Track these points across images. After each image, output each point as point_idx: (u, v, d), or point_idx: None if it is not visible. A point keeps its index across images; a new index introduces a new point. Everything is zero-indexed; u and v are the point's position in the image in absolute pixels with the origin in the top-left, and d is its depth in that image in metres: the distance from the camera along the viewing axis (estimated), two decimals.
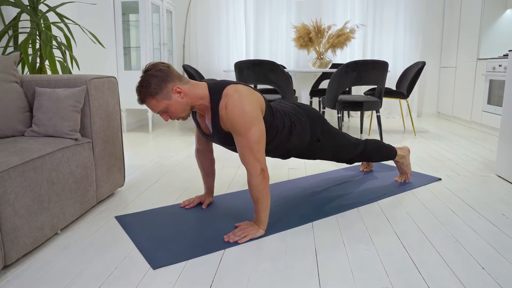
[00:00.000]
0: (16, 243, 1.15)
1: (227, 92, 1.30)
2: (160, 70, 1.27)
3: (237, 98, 1.28)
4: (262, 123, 1.33)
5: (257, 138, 1.30)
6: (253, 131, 1.29)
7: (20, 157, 1.19)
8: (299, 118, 1.55)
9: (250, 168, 1.31)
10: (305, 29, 3.35)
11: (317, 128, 1.61)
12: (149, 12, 3.42)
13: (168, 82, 1.27)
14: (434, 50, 4.61)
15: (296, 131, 1.53)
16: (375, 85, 2.88)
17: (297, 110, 1.58)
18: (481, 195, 1.84)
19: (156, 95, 1.27)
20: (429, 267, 1.17)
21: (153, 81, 1.25)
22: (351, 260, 1.21)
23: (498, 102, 3.31)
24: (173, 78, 1.28)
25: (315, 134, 1.61)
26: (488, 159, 2.53)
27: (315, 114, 1.63)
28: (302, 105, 1.64)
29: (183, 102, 1.31)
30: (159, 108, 1.29)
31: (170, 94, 1.28)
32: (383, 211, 1.62)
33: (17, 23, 2.15)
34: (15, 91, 1.52)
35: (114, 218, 1.56)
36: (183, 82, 1.31)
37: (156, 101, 1.28)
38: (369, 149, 1.80)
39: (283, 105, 1.61)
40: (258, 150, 1.31)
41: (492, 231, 1.42)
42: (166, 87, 1.27)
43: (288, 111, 1.55)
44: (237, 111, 1.27)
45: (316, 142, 1.62)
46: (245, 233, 1.36)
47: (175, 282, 1.08)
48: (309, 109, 1.63)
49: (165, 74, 1.27)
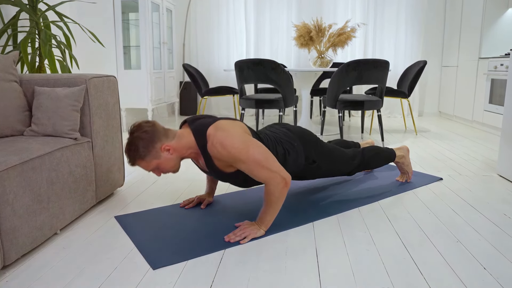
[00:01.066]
0: (15, 243, 1.14)
1: (209, 133, 1.31)
2: (145, 132, 1.28)
3: (221, 135, 1.29)
4: (256, 142, 1.33)
5: (260, 154, 1.30)
6: (253, 151, 1.29)
7: (19, 156, 1.19)
8: (291, 144, 1.54)
9: (272, 181, 1.31)
10: (306, 28, 3.34)
11: (311, 150, 1.60)
12: (149, 11, 3.41)
13: (156, 142, 1.29)
14: (435, 49, 4.60)
15: (290, 157, 1.53)
16: (376, 84, 2.87)
17: (288, 135, 1.57)
18: (482, 195, 1.83)
19: (145, 157, 1.29)
20: (430, 267, 1.16)
21: (141, 144, 1.27)
22: (352, 260, 1.21)
23: (499, 101, 3.29)
24: (159, 137, 1.30)
25: (310, 157, 1.60)
26: (489, 159, 2.52)
27: (307, 135, 1.61)
28: (293, 128, 1.62)
29: (173, 158, 1.33)
30: (150, 167, 1.32)
31: (159, 153, 1.30)
32: (384, 211, 1.62)
33: (16, 22, 2.15)
34: (14, 90, 1.51)
35: (114, 218, 1.56)
36: (169, 138, 1.33)
37: (147, 162, 1.30)
38: (367, 158, 1.79)
39: (274, 130, 1.60)
40: (269, 163, 1.31)
41: (494, 231, 1.41)
42: (154, 148, 1.29)
43: (280, 138, 1.54)
44: (227, 146, 1.28)
45: (312, 164, 1.61)
46: (245, 233, 1.35)
47: (175, 283, 1.08)
48: (301, 132, 1.61)
49: (151, 136, 1.28)
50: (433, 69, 4.65)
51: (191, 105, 4.71)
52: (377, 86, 3.18)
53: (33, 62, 2.13)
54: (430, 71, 4.66)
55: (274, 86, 2.88)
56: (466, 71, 3.93)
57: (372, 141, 2.17)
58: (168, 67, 4.08)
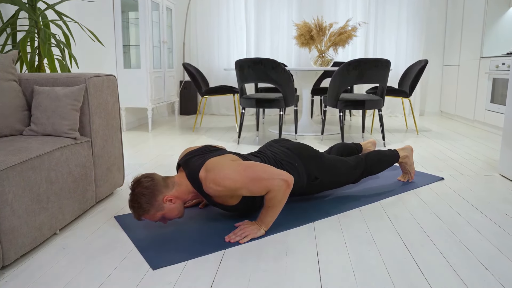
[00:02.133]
0: (15, 243, 1.14)
1: (201, 178, 1.33)
2: (146, 188, 1.30)
3: (211, 175, 1.31)
4: (244, 163, 1.35)
5: (253, 171, 1.32)
6: (246, 174, 1.31)
7: (18, 156, 1.18)
8: (292, 164, 1.55)
9: (274, 188, 1.32)
10: (307, 27, 3.33)
11: (313, 167, 1.60)
12: (148, 10, 3.40)
13: (157, 195, 1.31)
14: (436, 48, 4.58)
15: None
16: (377, 83, 2.85)
17: (288, 154, 1.57)
18: (484, 194, 1.82)
19: (150, 211, 1.31)
20: (432, 267, 1.16)
21: (143, 200, 1.30)
22: (353, 260, 1.20)
23: (501, 100, 3.28)
24: (160, 190, 1.32)
25: (312, 174, 1.60)
26: (491, 158, 2.51)
27: (307, 152, 1.61)
28: (292, 146, 1.62)
29: (177, 206, 1.35)
30: (156, 219, 1.34)
31: (161, 205, 1.32)
32: (385, 211, 1.61)
33: (15, 21, 2.14)
34: (13, 90, 1.51)
35: (114, 218, 1.55)
36: (169, 187, 1.35)
37: (151, 215, 1.33)
38: (371, 165, 1.77)
39: (274, 150, 1.60)
40: (265, 173, 1.32)
41: (496, 231, 1.41)
42: (157, 201, 1.31)
43: (280, 159, 1.54)
44: (221, 182, 1.29)
45: (315, 181, 1.61)
46: (245, 232, 1.35)
47: (175, 283, 1.08)
48: (300, 149, 1.61)
49: (151, 190, 1.30)
50: (434, 68, 4.63)
51: (191, 105, 4.71)
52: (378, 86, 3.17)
53: (32, 61, 2.13)
54: (431, 70, 4.64)
55: (274, 85, 2.87)
56: (467, 70, 3.92)
57: (373, 141, 2.16)
58: (168, 66, 4.07)
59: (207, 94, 3.69)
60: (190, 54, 4.72)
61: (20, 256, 1.18)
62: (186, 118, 4.44)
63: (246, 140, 3.15)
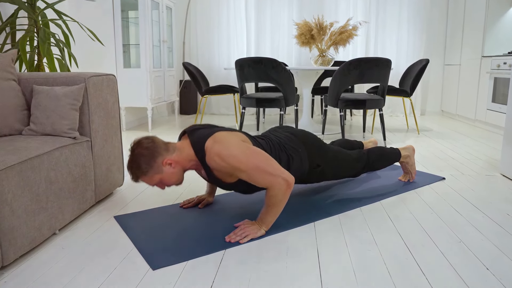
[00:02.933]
0: (14, 244, 1.14)
1: (207, 146, 1.31)
2: (146, 148, 1.28)
3: (218, 147, 1.29)
4: (254, 148, 1.33)
5: (260, 161, 1.30)
6: (252, 159, 1.29)
7: (17, 156, 1.18)
8: (295, 149, 1.54)
9: (275, 186, 1.31)
10: (307, 26, 3.32)
11: (315, 154, 1.59)
12: (148, 9, 3.39)
13: (157, 157, 1.29)
14: (437, 48, 4.57)
15: (294, 164, 1.52)
16: (378, 83, 2.85)
17: (292, 139, 1.56)
18: (485, 194, 1.81)
19: (148, 173, 1.30)
20: (433, 267, 1.15)
21: (142, 161, 1.28)
22: (354, 260, 1.20)
23: (503, 100, 3.27)
24: (160, 152, 1.30)
25: (315, 161, 1.59)
26: (492, 158, 2.50)
27: (311, 139, 1.60)
28: (296, 132, 1.61)
29: (176, 171, 1.33)
30: (154, 182, 1.32)
31: (161, 168, 1.30)
32: (386, 211, 1.60)
33: (14, 20, 2.13)
34: (13, 89, 1.50)
35: (113, 218, 1.55)
36: (170, 151, 1.33)
37: (150, 178, 1.31)
38: (373, 160, 1.77)
39: (278, 135, 1.59)
40: (269, 167, 1.31)
41: (497, 231, 1.40)
42: (156, 163, 1.29)
43: (283, 143, 1.53)
44: (225, 158, 1.27)
45: (317, 168, 1.60)
46: (246, 232, 1.34)
47: (175, 283, 1.07)
48: (304, 135, 1.60)
49: (151, 152, 1.29)
50: (435, 67, 4.62)
51: (191, 104, 4.70)
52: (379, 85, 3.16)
53: (31, 61, 2.12)
54: (432, 69, 4.63)
55: (275, 84, 2.86)
56: (468, 70, 3.91)
57: (375, 140, 2.15)
58: (168, 65, 4.06)
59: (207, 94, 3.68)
60: (190, 53, 4.71)
61: (19, 256, 1.18)
62: (186, 118, 4.43)
63: None
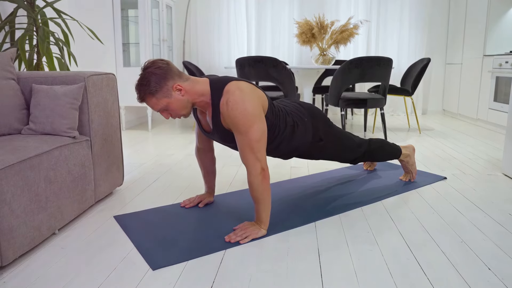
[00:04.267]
0: (13, 243, 1.13)
1: (228, 89, 1.27)
2: (159, 68, 1.25)
3: (238, 95, 1.26)
4: (263, 122, 1.31)
5: (258, 136, 1.28)
6: (254, 130, 1.27)
7: (16, 155, 1.17)
8: (301, 118, 1.53)
9: (251, 168, 1.30)
10: (308, 24, 3.31)
11: (320, 127, 1.59)
12: (148, 8, 3.38)
13: (168, 79, 1.25)
14: (439, 47, 4.55)
15: (298, 130, 1.51)
16: (379, 82, 2.83)
17: (299, 109, 1.55)
18: (487, 194, 1.80)
19: (156, 93, 1.25)
20: (434, 267, 1.15)
21: (153, 79, 1.23)
22: (355, 260, 1.19)
23: (504, 99, 3.26)
24: (173, 76, 1.26)
25: (318, 134, 1.58)
26: (494, 158, 2.49)
27: (317, 113, 1.60)
28: (304, 104, 1.61)
29: (184, 100, 1.29)
30: (159, 106, 1.28)
31: (170, 92, 1.26)
32: (387, 211, 1.60)
33: (13, 18, 2.13)
34: (12, 88, 1.50)
35: (113, 217, 1.54)
36: (183, 79, 1.29)
37: (156, 99, 1.26)
38: (373, 149, 1.77)
39: (285, 103, 1.58)
40: (259, 149, 1.29)
41: (499, 231, 1.39)
42: (166, 85, 1.25)
43: (290, 111, 1.52)
44: (239, 109, 1.25)
45: (319, 142, 1.59)
46: (246, 233, 1.34)
47: (175, 283, 1.07)
48: (312, 108, 1.60)
49: (164, 72, 1.25)
50: (437, 66, 4.60)
51: None
52: (380, 84, 3.15)
53: (31, 60, 2.12)
54: (434, 68, 4.61)
55: (275, 83, 2.85)
56: (470, 69, 3.89)
57: None
58: None
59: None
60: (190, 52, 4.70)
61: (18, 256, 1.18)
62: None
63: None
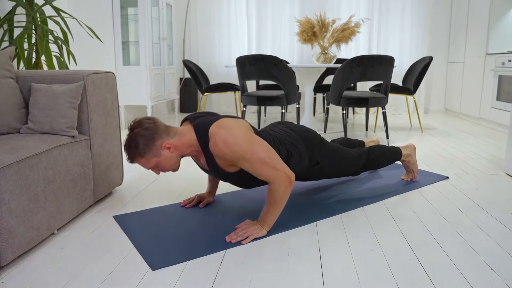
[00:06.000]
0: (12, 244, 1.13)
1: (211, 131, 1.28)
2: (146, 129, 1.26)
3: (224, 133, 1.26)
4: (260, 139, 1.31)
5: (265, 152, 1.28)
6: (257, 150, 1.27)
7: (15, 155, 1.17)
8: (295, 145, 1.51)
9: (274, 179, 1.29)
10: (309, 23, 3.29)
11: (315, 150, 1.57)
12: (148, 6, 3.37)
13: (156, 139, 1.27)
14: (441, 45, 4.53)
15: (293, 159, 1.50)
16: (380, 80, 2.82)
17: (291, 135, 1.53)
18: (490, 194, 1.79)
19: (145, 154, 1.27)
20: (436, 268, 1.14)
21: (141, 141, 1.25)
22: (356, 261, 1.18)
23: (507, 98, 3.24)
24: (160, 134, 1.28)
25: (314, 158, 1.57)
26: (497, 157, 2.48)
27: (310, 135, 1.58)
28: (295, 127, 1.59)
29: (173, 156, 1.30)
30: (149, 165, 1.30)
31: (159, 151, 1.28)
32: (389, 210, 1.59)
33: (12, 17, 2.12)
34: (10, 87, 1.49)
35: (112, 217, 1.54)
36: (170, 135, 1.30)
37: (146, 160, 1.28)
38: (373, 158, 1.75)
39: (277, 130, 1.57)
40: (273, 160, 1.29)
41: (502, 231, 1.39)
42: (155, 145, 1.26)
43: (282, 139, 1.51)
44: (231, 144, 1.25)
45: (316, 166, 1.58)
46: (247, 232, 1.33)
47: (175, 284, 1.06)
48: (304, 132, 1.58)
49: (152, 132, 1.26)
50: (439, 65, 4.58)
51: (191, 102, 4.68)
52: (381, 83, 3.13)
53: (29, 58, 2.11)
54: (436, 67, 4.59)
55: (276, 82, 2.84)
56: (473, 67, 3.87)
57: (377, 139, 2.13)
58: (168, 63, 4.04)
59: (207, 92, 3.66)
60: (190, 51, 4.69)
61: (17, 256, 1.17)
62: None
63: None
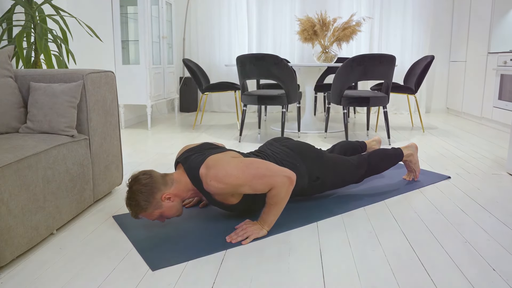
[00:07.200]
0: (11, 244, 1.12)
1: (201, 174, 1.31)
2: (144, 185, 1.28)
3: (213, 172, 1.28)
4: (246, 159, 1.33)
5: (255, 168, 1.30)
6: (248, 171, 1.29)
7: (14, 154, 1.16)
8: (293, 164, 1.53)
9: (277, 184, 1.30)
10: (310, 22, 3.28)
11: (314, 167, 1.57)
12: (148, 4, 3.36)
13: (155, 193, 1.29)
14: (443, 44, 4.51)
15: None
16: (382, 80, 2.81)
17: (289, 154, 1.55)
18: (492, 193, 1.78)
19: (148, 209, 1.30)
20: (438, 268, 1.13)
21: (141, 198, 1.28)
22: (357, 261, 1.18)
23: (509, 97, 3.22)
24: (159, 187, 1.30)
25: (313, 174, 1.57)
26: (499, 157, 2.47)
27: (308, 151, 1.59)
28: (292, 144, 1.60)
29: (175, 204, 1.34)
30: (153, 217, 1.33)
31: (160, 203, 1.31)
32: (390, 210, 1.58)
33: (11, 15, 2.11)
34: (9, 86, 1.48)
35: (112, 217, 1.53)
36: (168, 184, 1.33)
37: (149, 214, 1.31)
38: (374, 164, 1.74)
39: (274, 150, 1.58)
40: (266, 170, 1.31)
41: (504, 231, 1.38)
42: (155, 199, 1.29)
43: (280, 159, 1.52)
44: (222, 178, 1.27)
45: (316, 181, 1.59)
46: (248, 232, 1.33)
47: (175, 284, 1.06)
48: (301, 149, 1.58)
49: (150, 188, 1.29)
50: (440, 64, 4.56)
51: (191, 101, 4.68)
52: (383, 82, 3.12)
53: (28, 57, 2.10)
54: (437, 66, 4.58)
55: (277, 81, 2.83)
56: (474, 66, 3.86)
57: (378, 138, 2.12)
58: (168, 62, 4.03)
59: (207, 91, 3.65)
60: (190, 50, 4.68)
61: (16, 256, 1.17)
62: (186, 115, 4.41)
63: (247, 138, 3.12)
